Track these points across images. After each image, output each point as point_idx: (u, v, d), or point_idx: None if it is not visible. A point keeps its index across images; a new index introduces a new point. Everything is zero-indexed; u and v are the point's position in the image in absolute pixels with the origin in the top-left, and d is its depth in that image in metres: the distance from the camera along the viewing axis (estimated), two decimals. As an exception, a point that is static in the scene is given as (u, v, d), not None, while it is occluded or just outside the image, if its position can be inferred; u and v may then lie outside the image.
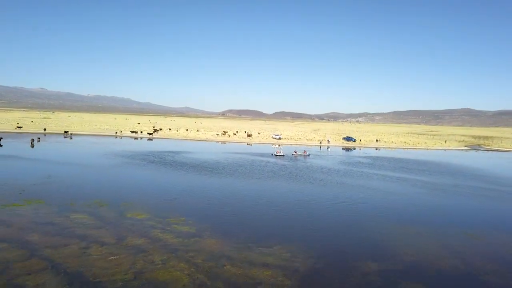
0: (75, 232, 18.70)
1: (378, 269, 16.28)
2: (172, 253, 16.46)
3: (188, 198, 28.32)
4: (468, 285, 15.33)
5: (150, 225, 20.13)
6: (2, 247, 16.34)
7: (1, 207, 22.73)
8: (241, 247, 17.53)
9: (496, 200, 33.37)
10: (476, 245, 20.35)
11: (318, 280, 14.70)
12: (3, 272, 13.95)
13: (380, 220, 24.16)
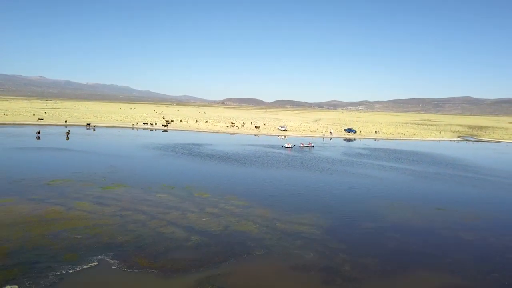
0: (168, 205, 27.31)
1: (373, 226, 25.00)
2: (239, 217, 25.12)
3: (230, 182, 36.94)
4: (428, 234, 23.97)
5: (215, 201, 28.73)
6: (129, 213, 24.83)
7: (103, 189, 31.34)
8: (283, 214, 26.18)
9: (466, 184, 42.17)
10: (440, 214, 29.03)
11: (336, 231, 23.36)
12: (146, 226, 22.51)
13: (374, 198, 32.84)
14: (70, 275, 16.18)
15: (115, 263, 17.44)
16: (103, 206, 26.13)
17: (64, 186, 31.90)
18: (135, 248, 19.27)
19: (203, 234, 21.79)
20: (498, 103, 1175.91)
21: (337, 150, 71.13)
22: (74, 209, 25.33)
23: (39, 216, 23.47)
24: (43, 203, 26.36)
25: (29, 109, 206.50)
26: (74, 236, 20.48)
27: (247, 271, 17.43)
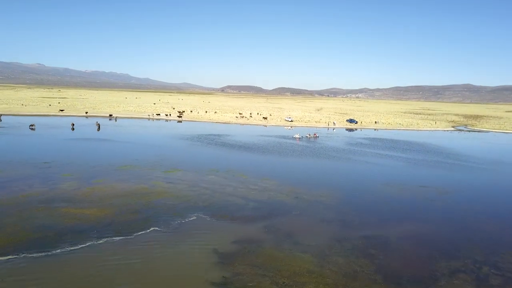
0: (221, 183, 36.86)
1: (372, 198, 34.72)
2: (275, 191, 34.73)
3: (259, 167, 46.44)
4: (411, 203, 33.51)
5: (254, 181, 38.28)
6: (197, 189, 34.16)
7: (165, 172, 40.75)
8: (306, 190, 35.76)
9: (445, 169, 52.00)
10: (422, 190, 38.64)
11: (346, 201, 32.93)
12: (214, 197, 31.90)
13: (373, 179, 42.48)
14: (184, 223, 25.82)
15: (207, 217, 26.98)
16: (175, 184, 35.63)
17: (134, 170, 41.35)
18: (214, 209, 28.86)
19: (255, 201, 31.39)
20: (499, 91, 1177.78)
21: (341, 140, 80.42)
22: (155, 186, 34.81)
23: (135, 191, 32.92)
24: (130, 183, 35.80)
25: (39, 98, 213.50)
26: (169, 203, 29.98)
27: (291, 222, 27.01)
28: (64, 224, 24.55)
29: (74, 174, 38.19)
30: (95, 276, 18.22)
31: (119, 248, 21.41)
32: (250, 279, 18.31)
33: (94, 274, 18.42)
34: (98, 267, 19.11)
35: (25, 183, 34.10)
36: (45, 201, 29.08)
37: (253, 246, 22.32)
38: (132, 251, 21.23)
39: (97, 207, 28.07)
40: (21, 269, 18.49)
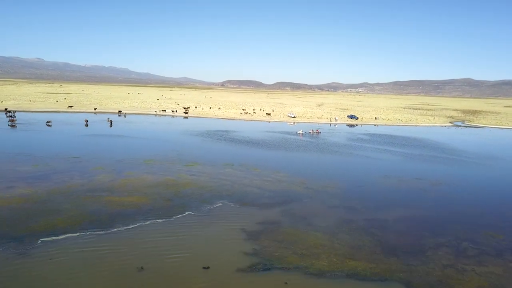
0: (237, 175, 41.29)
1: (372, 188, 39.23)
2: (287, 182, 39.19)
3: (270, 161, 50.83)
4: (406, 192, 37.89)
5: (267, 174, 42.74)
6: (217, 180, 38.46)
7: (185, 166, 45.11)
8: (314, 181, 40.16)
9: (439, 162, 56.51)
10: (417, 181, 43.09)
11: (350, 190, 37.46)
12: (233, 187, 36.21)
13: (372, 173, 46.93)
14: (213, 209, 30.39)
15: (231, 204, 31.48)
16: (197, 176, 40.00)
17: (158, 164, 45.69)
18: (236, 197, 33.35)
19: (270, 191, 35.85)
20: (498, 85, 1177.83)
21: (342, 136, 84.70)
22: (180, 178, 39.18)
23: (164, 182, 37.29)
24: (157, 175, 40.15)
25: (44, 94, 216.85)
26: (196, 192, 34.41)
27: (303, 207, 31.54)
28: (111, 209, 28.94)
29: (105, 168, 42.55)
30: (151, 247, 22.83)
31: (164, 228, 25.93)
32: (274, 250, 22.80)
33: (150, 245, 23.01)
34: (151, 241, 23.66)
35: (65, 175, 38.46)
36: (89, 191, 33.46)
37: (273, 226, 26.80)
38: (175, 229, 25.78)
39: (135, 196, 32.48)
40: (91, 242, 22.96)
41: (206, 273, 19.95)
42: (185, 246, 23.11)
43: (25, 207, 28.72)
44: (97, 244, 22.89)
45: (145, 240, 23.72)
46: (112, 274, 19.50)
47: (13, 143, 59.54)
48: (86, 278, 19.14)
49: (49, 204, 29.48)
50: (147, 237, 24.21)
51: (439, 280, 20.23)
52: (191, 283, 18.91)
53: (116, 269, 19.95)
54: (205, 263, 20.78)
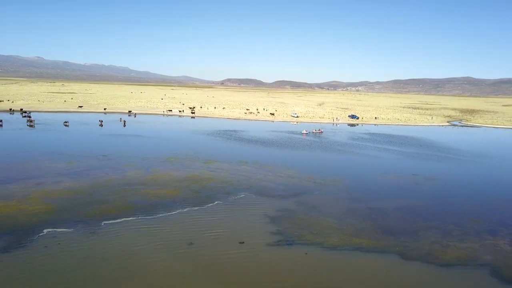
0: (252, 171, 46.22)
1: (373, 183, 44.32)
2: (297, 178, 44.17)
3: (279, 159, 55.78)
4: (404, 186, 42.81)
5: (278, 170, 47.71)
6: (235, 175, 43.27)
7: (205, 163, 50.00)
8: (321, 177, 45.14)
9: (434, 160, 61.62)
10: (413, 177, 48.17)
11: (353, 184, 42.46)
12: (250, 181, 41.04)
13: (373, 169, 51.94)
14: (238, 199, 35.46)
15: (252, 195, 36.58)
16: (217, 172, 44.90)
17: (179, 162, 50.54)
18: (255, 190, 38.44)
19: (283, 185, 40.89)
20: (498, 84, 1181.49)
21: (344, 135, 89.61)
22: (203, 173, 44.08)
23: (189, 177, 42.16)
24: (181, 171, 45.01)
25: (50, 94, 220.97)
26: (219, 185, 39.33)
27: (313, 198, 36.59)
28: (151, 200, 33.83)
29: (133, 165, 47.43)
30: (193, 227, 28.01)
31: (200, 213, 31.06)
32: (295, 231, 27.89)
33: (192, 226, 28.22)
34: (192, 222, 28.91)
35: (101, 171, 43.33)
36: (125, 185, 38.33)
37: (290, 213, 31.81)
38: (210, 214, 30.97)
39: (167, 189, 37.38)
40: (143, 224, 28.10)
41: (242, 246, 25.07)
42: (221, 227, 28.25)
43: (77, 197, 33.60)
44: (149, 225, 27.97)
45: (187, 222, 28.88)
46: (168, 247, 24.59)
47: (40, 142, 64.31)
48: (149, 249, 24.31)
49: (96, 196, 34.36)
50: (188, 220, 29.35)
51: (427, 253, 25.31)
52: (232, 254, 24.07)
53: (171, 243, 25.06)
54: (240, 239, 25.89)
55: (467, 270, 23.50)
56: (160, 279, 20.78)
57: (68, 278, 20.54)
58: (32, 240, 24.60)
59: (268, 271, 22.14)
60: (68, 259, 22.58)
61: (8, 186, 35.69)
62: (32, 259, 22.36)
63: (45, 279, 20.45)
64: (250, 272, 21.93)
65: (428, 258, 24.53)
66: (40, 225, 26.91)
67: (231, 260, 23.30)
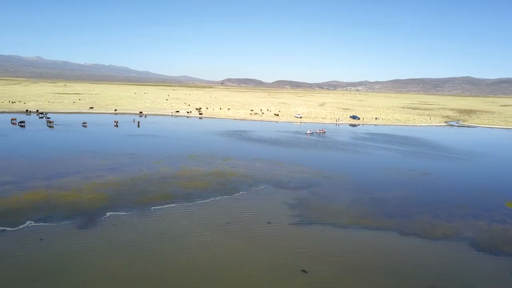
0: (267, 167, 52.33)
1: (374, 177, 50.34)
2: (308, 173, 50.13)
3: (289, 156, 61.63)
4: (402, 180, 48.59)
5: (290, 166, 53.65)
6: (252, 170, 49.02)
7: (223, 160, 55.75)
8: (329, 172, 51.07)
9: (430, 158, 67.70)
10: (410, 172, 53.94)
11: (358, 178, 48.49)
12: (267, 175, 46.82)
13: (374, 165, 57.79)
14: (259, 190, 41.48)
15: (270, 187, 42.48)
16: (237, 168, 50.66)
17: (200, 159, 56.27)
18: (273, 183, 44.36)
19: (296, 178, 46.80)
20: (498, 83, 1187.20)
21: (347, 135, 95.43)
22: (224, 169, 49.83)
23: (213, 172, 47.91)
24: (205, 167, 50.75)
25: (57, 95, 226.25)
26: (241, 179, 45.17)
27: (324, 189, 42.53)
28: (186, 190, 39.59)
29: (162, 162, 53.17)
30: (227, 210, 34.08)
31: (230, 200, 37.14)
32: (311, 214, 33.94)
33: (227, 210, 34.31)
34: (226, 207, 34.96)
35: (135, 167, 49.05)
36: (160, 178, 44.05)
37: (305, 201, 37.72)
38: (238, 201, 37.01)
39: (197, 182, 43.15)
40: (185, 208, 33.95)
41: (270, 225, 31.08)
42: (250, 211, 34.32)
43: (123, 188, 39.33)
44: (191, 209, 33.97)
45: (221, 207, 34.99)
46: (210, 225, 30.66)
47: (69, 142, 69.91)
48: (195, 226, 30.35)
49: (138, 187, 40.08)
50: (222, 205, 35.45)
51: (419, 230, 31.40)
52: (263, 231, 30.11)
53: (212, 222, 31.09)
54: (268, 220, 31.92)
55: (452, 242, 29.43)
56: (208, 248, 26.61)
57: (137, 247, 26.35)
58: (101, 220, 30.53)
59: (294, 243, 28.09)
60: (133, 233, 28.46)
61: (62, 180, 41.51)
62: (105, 233, 28.21)
63: (118, 248, 26.22)
64: (279, 244, 27.78)
65: (420, 233, 30.53)
66: (102, 209, 32.78)
67: (263, 234, 29.32)
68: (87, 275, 22.46)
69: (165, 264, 24.15)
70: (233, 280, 22.47)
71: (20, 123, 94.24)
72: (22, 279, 21.53)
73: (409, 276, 23.82)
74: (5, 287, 20.63)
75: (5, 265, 22.89)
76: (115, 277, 22.37)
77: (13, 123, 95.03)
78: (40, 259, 24.02)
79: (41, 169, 46.23)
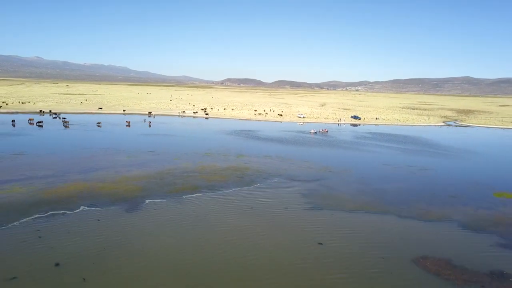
0: (278, 163, 57.50)
1: (376, 172, 55.39)
2: (315, 169, 55.35)
3: (297, 154, 66.53)
4: (401, 175, 53.62)
5: (299, 162, 58.97)
6: (264, 166, 53.90)
7: (237, 157, 60.59)
8: (335, 168, 56.18)
9: (427, 155, 72.75)
10: (409, 168, 58.89)
11: (362, 173, 53.58)
12: (279, 170, 51.69)
13: (375, 162, 62.86)
14: (274, 182, 46.63)
15: (284, 180, 47.42)
16: (250, 164, 55.60)
17: (216, 156, 61.25)
18: (285, 176, 49.31)
19: (305, 173, 51.98)
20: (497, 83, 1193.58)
21: (349, 134, 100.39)
22: (239, 165, 54.75)
23: (229, 167, 52.80)
24: (222, 163, 55.64)
25: (62, 96, 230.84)
26: (256, 173, 50.13)
27: (331, 182, 47.62)
28: (208, 183, 44.55)
29: (181, 158, 58.07)
30: (250, 198, 39.15)
31: (250, 190, 42.28)
32: (321, 201, 39.15)
33: (249, 197, 39.39)
34: (248, 195, 40.14)
35: (157, 163, 53.94)
36: (183, 172, 48.93)
37: (315, 191, 42.88)
38: (257, 191, 42.13)
39: (217, 175, 48.05)
40: (212, 196, 39.00)
41: (287, 210, 36.24)
42: (269, 199, 39.48)
43: (153, 181, 44.25)
44: (217, 197, 39.19)
45: (243, 195, 40.15)
46: (236, 210, 35.85)
47: (90, 141, 74.72)
48: (223, 210, 35.44)
49: (165, 180, 44.98)
50: (243, 194, 40.60)
51: (415, 214, 36.59)
52: (282, 214, 35.27)
53: (237, 207, 36.27)
54: (285, 206, 36.96)
55: (443, 223, 34.61)
56: (238, 227, 31.67)
57: (178, 226, 31.39)
58: (143, 206, 35.53)
59: (309, 223, 33.28)
60: (173, 216, 33.59)
61: (97, 173, 46.47)
62: (150, 216, 33.30)
63: (163, 226, 31.27)
64: (297, 223, 32.93)
65: (416, 217, 35.73)
66: (141, 197, 37.76)
67: (283, 217, 34.57)
68: (144, 245, 27.54)
69: (204, 239, 29.12)
70: (263, 251, 27.49)
71: (38, 123, 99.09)
72: (92, 249, 26.48)
73: (405, 248, 28.83)
74: (79, 256, 25.47)
75: (75, 239, 27.84)
76: (166, 248, 27.36)
77: (31, 123, 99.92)
78: (102, 234, 29.12)
79: (75, 165, 51.14)
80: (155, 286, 22.29)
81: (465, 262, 26.76)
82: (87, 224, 30.49)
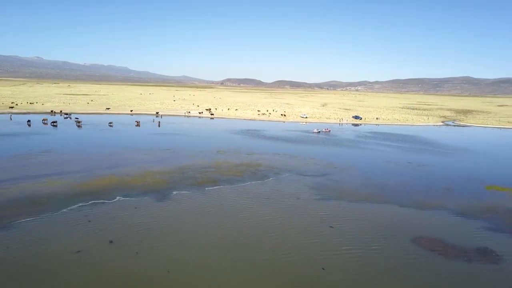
0: (287, 159, 61.65)
1: (378, 168, 60.00)
2: (321, 165, 59.80)
3: (303, 151, 70.82)
4: (401, 171, 57.94)
5: (306, 159, 63.34)
6: (274, 163, 58.25)
7: (248, 155, 64.89)
8: (340, 164, 60.76)
9: (425, 153, 77.08)
10: (408, 164, 63.60)
11: (365, 169, 57.94)
12: (287, 167, 56.02)
13: (377, 159, 67.25)
14: (285, 176, 51.15)
15: (294, 175, 51.93)
16: (261, 161, 59.96)
17: (228, 154, 65.54)
18: (295, 171, 53.76)
19: (313, 169, 56.33)
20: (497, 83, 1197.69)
21: (350, 134, 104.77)
22: (251, 161, 59.12)
23: (243, 163, 57.19)
24: (235, 160, 59.99)
25: (67, 96, 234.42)
26: (267, 169, 54.58)
27: (337, 177, 52.09)
28: (226, 177, 48.93)
29: (196, 156, 62.38)
30: (265, 191, 43.52)
31: (264, 184, 46.80)
32: (329, 193, 43.63)
33: (265, 190, 43.36)
34: (263, 188, 44.64)
35: (176, 160, 58.28)
36: (200, 168, 53.28)
37: (323, 185, 47.45)
38: (271, 184, 46.61)
39: (232, 171, 52.43)
40: (231, 188, 43.19)
41: (299, 200, 40.81)
42: (282, 190, 44.00)
43: (175, 175, 48.56)
44: (236, 189, 43.74)
45: (259, 188, 44.65)
46: (254, 199, 40.45)
47: (108, 139, 79.19)
48: (243, 200, 39.90)
49: (186, 174, 49.29)
50: (259, 187, 45.16)
51: (414, 203, 41.21)
52: (295, 203, 39.79)
53: (255, 197, 40.92)
54: (297, 197, 41.38)
55: (438, 211, 39.23)
56: (257, 214, 36.11)
57: (205, 212, 35.80)
58: (171, 196, 40.00)
59: (319, 210, 37.86)
60: (199, 204, 38.17)
61: (122, 169, 50.91)
62: (180, 204, 37.79)
63: (194, 212, 35.77)
64: (309, 211, 37.50)
65: (414, 206, 40.34)
66: (168, 189, 42.20)
67: (295, 205, 39.15)
68: (181, 228, 32.11)
69: (229, 223, 33.58)
70: (282, 231, 32.00)
71: (53, 123, 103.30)
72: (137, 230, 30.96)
73: (404, 230, 33.36)
74: (127, 235, 29.86)
75: (120, 223, 32.35)
76: (199, 230, 31.87)
77: (45, 123, 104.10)
78: (142, 219, 33.65)
79: (100, 161, 55.53)
80: (194, 258, 26.75)
81: (455, 241, 31.24)
82: (127, 211, 34.93)
